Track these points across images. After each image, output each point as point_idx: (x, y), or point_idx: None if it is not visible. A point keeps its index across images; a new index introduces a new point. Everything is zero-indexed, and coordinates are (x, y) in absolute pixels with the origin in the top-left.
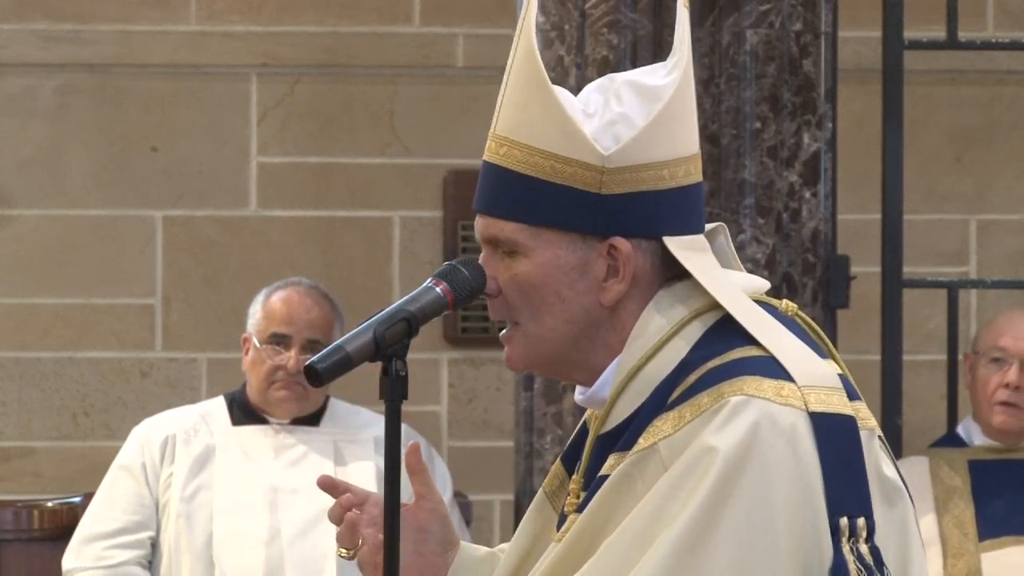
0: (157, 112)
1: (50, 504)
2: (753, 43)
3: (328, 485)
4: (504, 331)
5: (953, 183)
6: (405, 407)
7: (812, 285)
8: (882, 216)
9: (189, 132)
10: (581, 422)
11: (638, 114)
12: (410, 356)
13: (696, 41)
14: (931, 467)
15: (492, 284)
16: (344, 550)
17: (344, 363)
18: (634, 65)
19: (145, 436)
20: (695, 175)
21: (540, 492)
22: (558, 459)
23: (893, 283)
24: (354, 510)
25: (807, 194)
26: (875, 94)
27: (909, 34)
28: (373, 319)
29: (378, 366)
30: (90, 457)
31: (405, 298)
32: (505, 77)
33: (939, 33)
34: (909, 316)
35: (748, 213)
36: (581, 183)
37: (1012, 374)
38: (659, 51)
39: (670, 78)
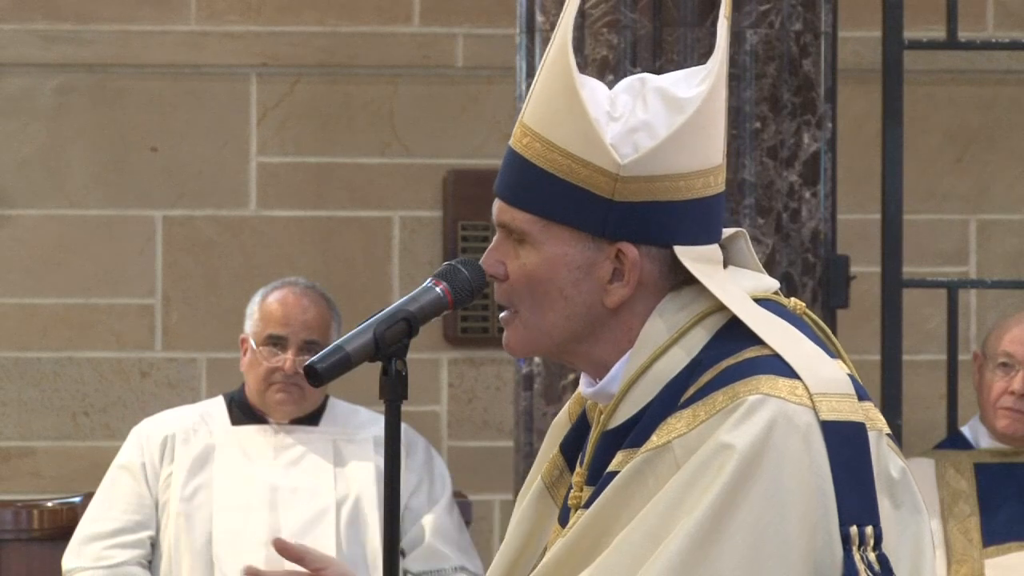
0: (157, 112)
1: (50, 504)
2: (753, 43)
3: (282, 548)
4: (504, 314)
5: (953, 183)
6: (405, 407)
7: (812, 285)
8: (882, 216)
9: (189, 132)
10: (580, 412)
11: (661, 124)
12: (410, 356)
13: (696, 41)
14: (937, 470)
15: (500, 268)
16: None
17: (344, 363)
18: (634, 65)
19: (145, 436)
20: (715, 187)
21: (539, 481)
22: (556, 448)
23: (893, 283)
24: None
25: (807, 194)
26: (875, 94)
27: (909, 34)
28: (373, 319)
29: (378, 366)
30: (90, 457)
31: (405, 298)
32: (539, 67)
33: (939, 33)
34: (909, 316)
35: (748, 213)
36: (595, 187)
37: (1018, 382)
38: (659, 51)
39: (698, 90)
